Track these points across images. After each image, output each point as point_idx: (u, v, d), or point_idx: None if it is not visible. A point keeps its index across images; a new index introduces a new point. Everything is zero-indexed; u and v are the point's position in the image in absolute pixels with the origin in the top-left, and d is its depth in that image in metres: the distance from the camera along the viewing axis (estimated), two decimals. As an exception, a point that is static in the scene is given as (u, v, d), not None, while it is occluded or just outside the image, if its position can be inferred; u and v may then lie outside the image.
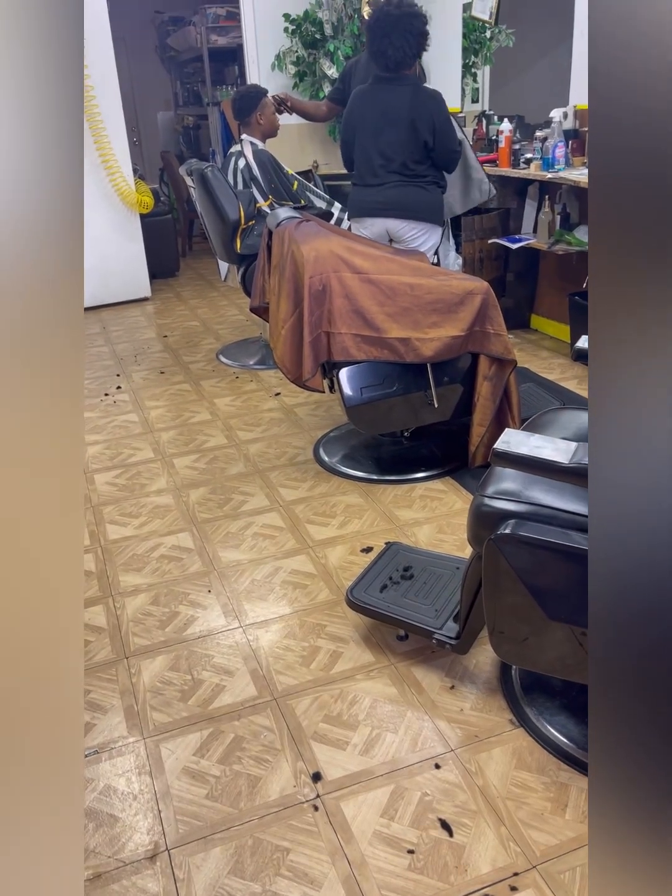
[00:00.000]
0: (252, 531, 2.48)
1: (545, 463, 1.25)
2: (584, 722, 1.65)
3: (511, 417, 2.66)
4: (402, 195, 3.09)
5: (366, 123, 3.05)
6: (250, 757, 1.62)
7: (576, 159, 3.71)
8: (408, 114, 2.97)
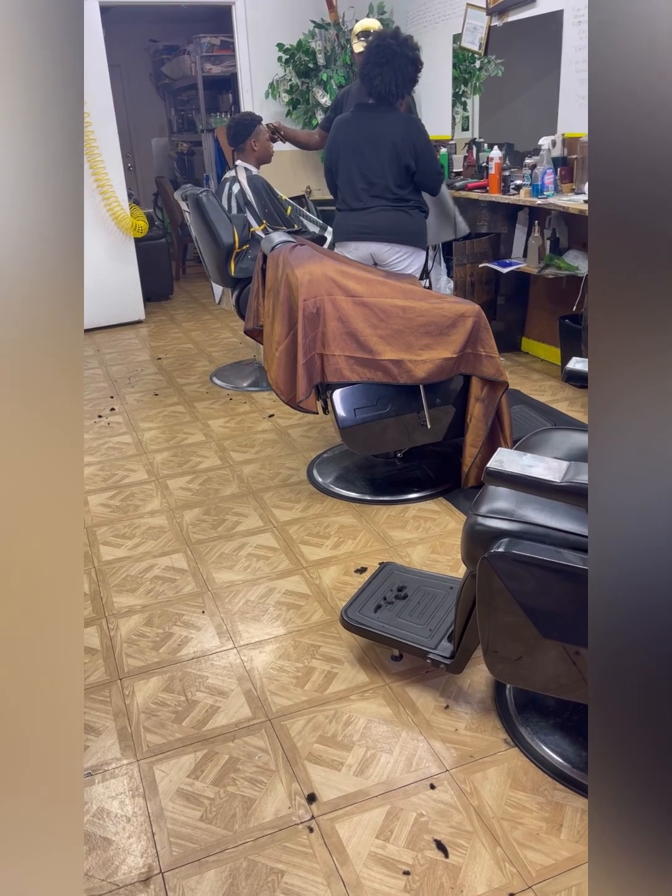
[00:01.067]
0: (246, 552, 2.49)
1: (537, 481, 1.27)
2: (578, 741, 1.65)
3: (503, 438, 2.69)
4: (386, 219, 3.14)
5: (349, 149, 3.11)
6: (245, 778, 1.61)
7: (564, 186, 3.77)
8: (390, 139, 3.03)
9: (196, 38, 6.73)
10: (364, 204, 3.14)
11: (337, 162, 3.16)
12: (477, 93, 4.65)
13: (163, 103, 8.57)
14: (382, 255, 3.17)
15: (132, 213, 5.24)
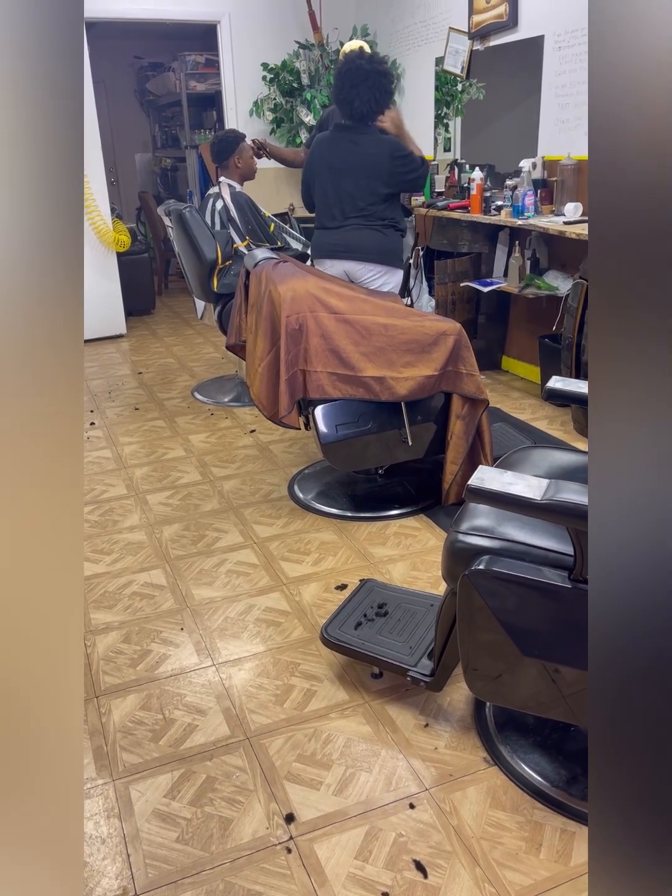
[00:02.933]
0: (226, 568, 2.47)
1: (518, 499, 1.28)
2: (557, 759, 1.65)
3: (483, 456, 2.70)
4: (359, 238, 3.16)
5: (325, 168, 3.14)
6: (222, 798, 1.59)
7: (544, 207, 3.83)
8: (368, 158, 3.06)
9: (181, 56, 6.77)
10: (338, 222, 3.16)
11: (313, 180, 3.20)
12: (459, 115, 4.72)
13: (147, 119, 8.60)
14: (356, 273, 3.19)
15: (115, 228, 5.24)
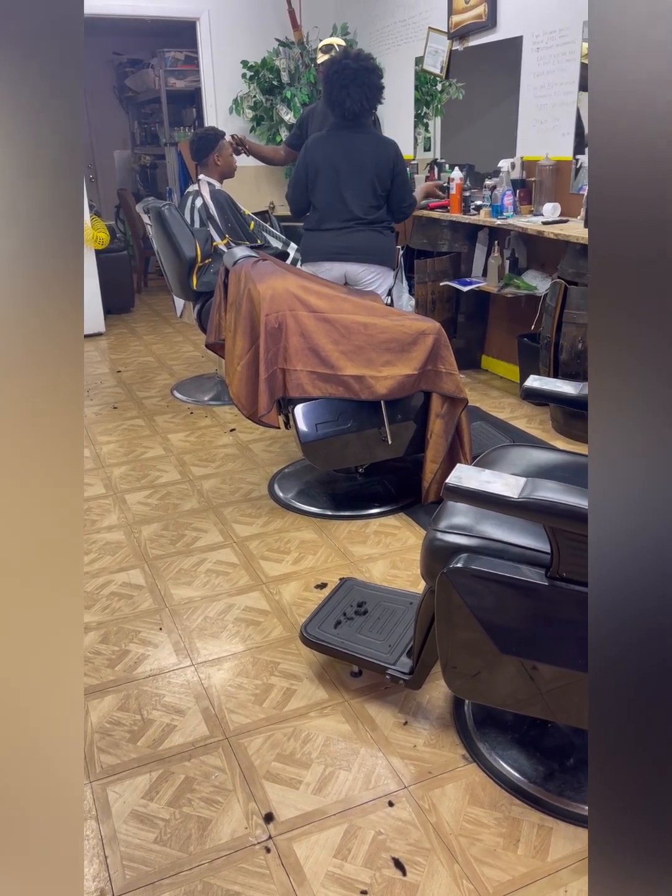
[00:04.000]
0: (205, 568, 2.46)
1: (495, 497, 1.28)
2: (535, 756, 1.66)
3: (462, 454, 2.71)
4: (363, 240, 3.16)
5: (328, 169, 3.11)
6: (201, 799, 1.59)
7: (523, 207, 3.85)
8: (371, 160, 3.06)
9: (160, 53, 6.73)
10: (342, 224, 3.14)
11: (315, 181, 3.14)
12: (438, 115, 4.73)
13: (126, 116, 8.54)
14: (358, 276, 3.19)
15: (93, 225, 5.19)
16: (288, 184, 3.36)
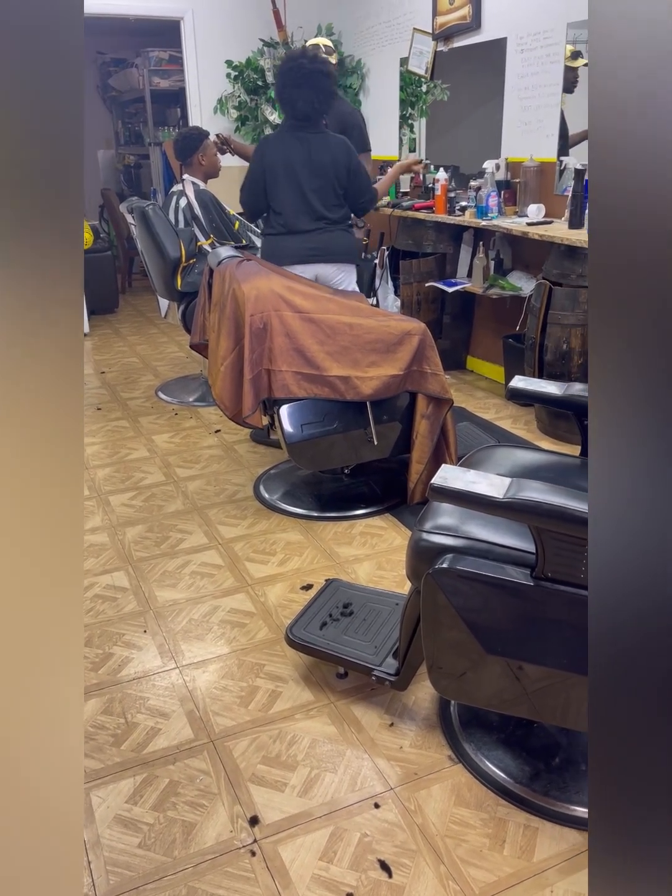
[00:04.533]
0: (190, 570, 2.44)
1: (480, 497, 1.28)
2: (521, 756, 1.66)
3: (448, 455, 2.71)
4: (331, 240, 3.14)
5: (288, 171, 3.03)
6: (185, 802, 1.57)
7: (508, 208, 3.86)
8: (329, 160, 3.03)
9: (144, 52, 6.69)
10: (308, 226, 3.10)
11: (274, 184, 3.06)
12: (423, 115, 4.74)
13: (109, 115, 8.49)
14: (327, 276, 3.16)
15: (77, 225, 5.15)
16: (241, 187, 3.26)
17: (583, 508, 1.22)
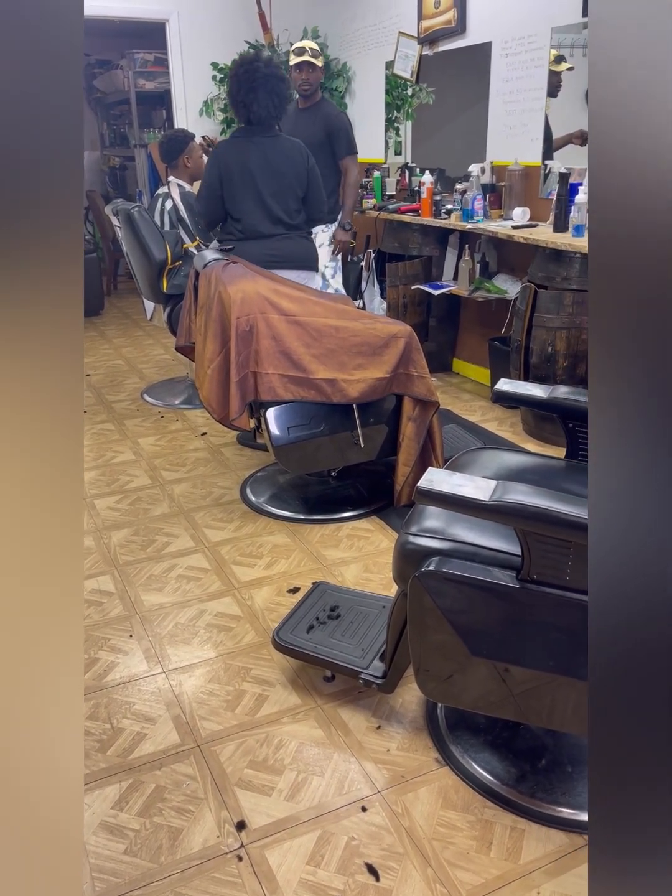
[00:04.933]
0: (176, 573, 2.43)
1: (466, 500, 1.29)
2: (508, 758, 1.66)
3: (434, 457, 2.72)
4: (293, 246, 3.15)
5: (245, 176, 3.02)
6: (172, 808, 1.57)
7: (493, 212, 3.88)
8: (288, 164, 3.04)
9: (129, 54, 6.67)
10: (267, 231, 3.09)
11: (231, 190, 3.05)
12: (409, 119, 4.75)
13: (94, 117, 8.44)
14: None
15: (61, 227, 5.13)
16: (197, 196, 3.19)
17: (568, 511, 1.22)
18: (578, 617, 1.33)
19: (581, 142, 3.58)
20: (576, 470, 1.77)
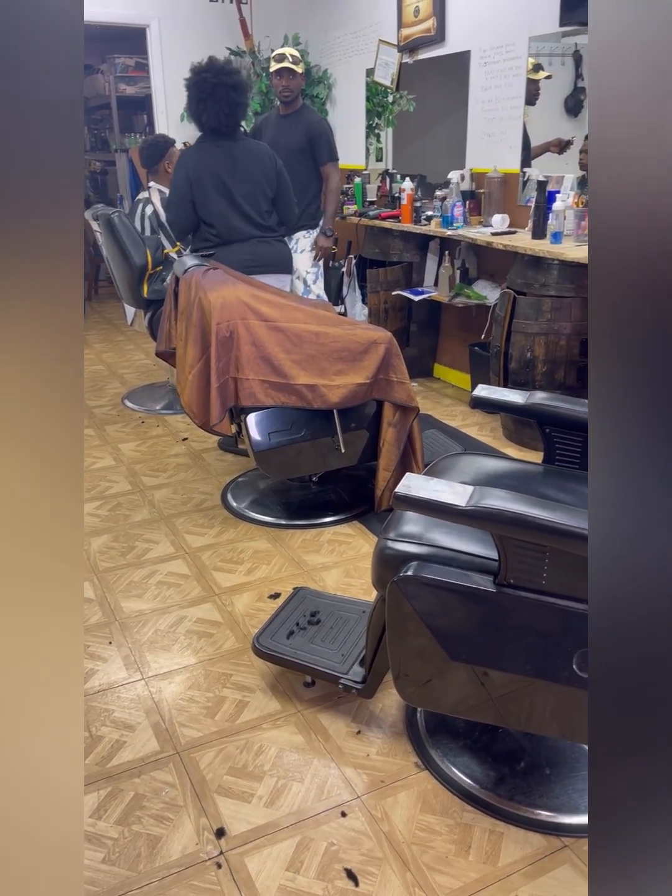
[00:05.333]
0: (156, 580, 2.42)
1: (443, 506, 1.29)
2: (487, 761, 1.67)
3: (415, 462, 2.73)
4: (270, 251, 3.17)
5: (215, 181, 3.03)
6: (151, 816, 1.56)
7: (473, 218, 3.91)
8: (257, 166, 3.05)
9: (110, 58, 6.66)
10: (244, 235, 3.10)
11: (203, 196, 3.05)
12: (390, 125, 4.78)
13: (76, 121, 8.42)
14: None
15: (41, 231, 5.10)
16: (166, 206, 3.18)
17: (543, 516, 1.24)
18: (555, 621, 1.35)
19: (559, 150, 3.62)
20: (553, 475, 1.78)
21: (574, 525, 1.22)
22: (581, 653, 1.35)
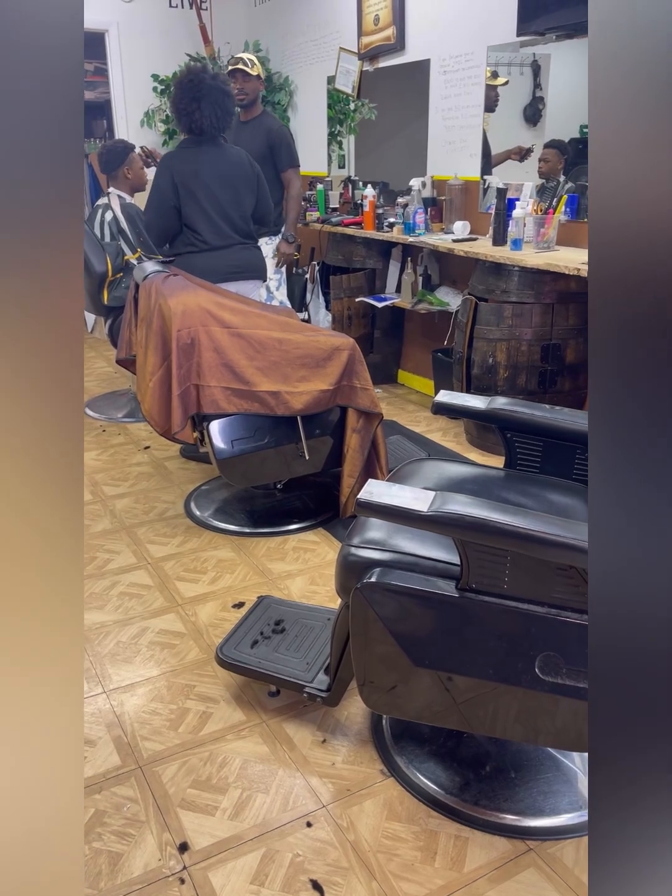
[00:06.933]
0: (118, 591, 2.38)
1: (405, 511, 1.29)
2: (452, 767, 1.67)
3: (379, 468, 2.73)
4: (249, 257, 3.16)
5: (199, 186, 2.99)
6: (112, 832, 1.53)
7: (435, 225, 3.94)
8: (238, 172, 3.05)
9: (69, 63, 6.58)
10: (228, 241, 3.09)
11: (189, 200, 3.01)
12: (352, 133, 4.79)
13: (34, 126, 8.31)
14: (246, 293, 3.14)
15: None
16: (146, 210, 3.12)
17: (504, 520, 1.24)
18: (516, 624, 1.35)
19: (519, 158, 3.66)
20: (514, 479, 1.80)
21: (534, 529, 1.22)
22: (543, 656, 1.35)
